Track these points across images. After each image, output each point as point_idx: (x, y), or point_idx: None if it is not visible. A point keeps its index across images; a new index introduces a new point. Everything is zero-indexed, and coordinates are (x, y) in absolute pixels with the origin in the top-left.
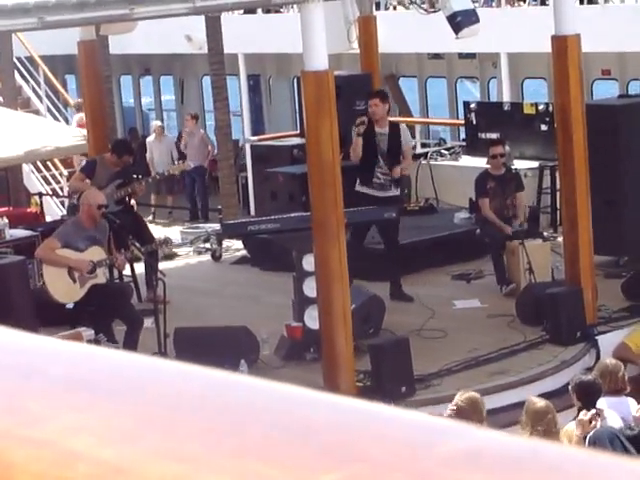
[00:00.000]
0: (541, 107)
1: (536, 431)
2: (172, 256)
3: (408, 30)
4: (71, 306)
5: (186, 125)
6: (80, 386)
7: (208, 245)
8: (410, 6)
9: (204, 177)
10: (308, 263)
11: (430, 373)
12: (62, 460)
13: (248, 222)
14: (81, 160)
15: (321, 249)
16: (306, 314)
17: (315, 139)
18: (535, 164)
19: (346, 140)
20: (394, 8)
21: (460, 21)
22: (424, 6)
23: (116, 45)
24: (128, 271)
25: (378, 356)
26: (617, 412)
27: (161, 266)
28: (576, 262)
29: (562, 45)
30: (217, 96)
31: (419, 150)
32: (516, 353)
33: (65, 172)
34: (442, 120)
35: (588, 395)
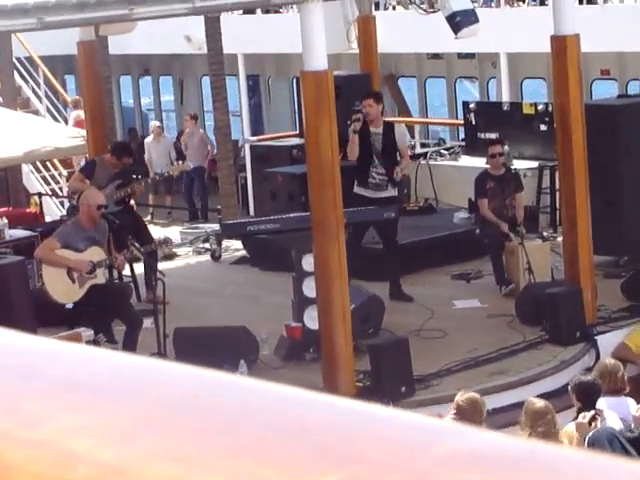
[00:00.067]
0: (540, 107)
1: (535, 431)
2: (171, 256)
3: (407, 30)
4: (70, 306)
5: (185, 125)
6: (79, 387)
7: (207, 245)
8: (409, 6)
9: (203, 177)
10: (307, 263)
11: (430, 373)
12: (62, 461)
13: (247, 222)
14: (80, 160)
15: (320, 249)
16: (305, 314)
17: (314, 139)
18: (534, 164)
19: (345, 140)
20: (393, 8)
21: (459, 21)
22: (423, 6)
23: (115, 45)
24: (128, 271)
25: (378, 356)
26: (617, 412)
27: (160, 266)
28: (576, 262)
29: (561, 45)
30: (216, 96)
31: (418, 150)
32: (516, 353)
33: (64, 172)
34: (441, 120)
35: (588, 395)
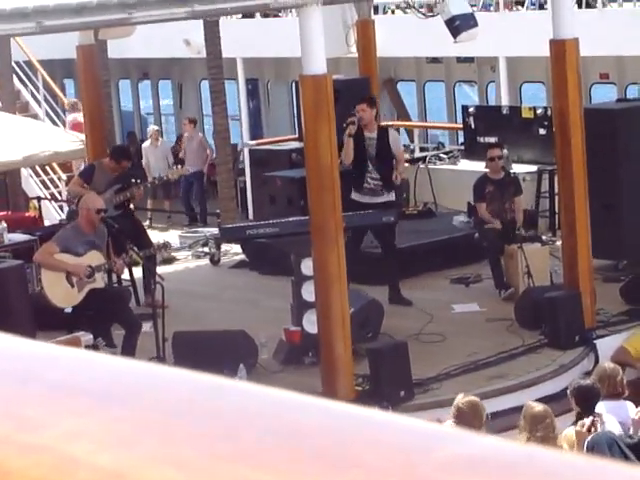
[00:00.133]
0: (539, 111)
1: (534, 436)
2: (170, 260)
3: (406, 34)
4: (69, 310)
5: (184, 129)
6: (79, 392)
7: (206, 249)
8: (408, 10)
9: (202, 181)
10: (306, 267)
11: (429, 377)
12: (61, 466)
13: (246, 226)
14: (80, 164)
15: (320, 253)
16: (305, 318)
17: (313, 143)
18: (534, 168)
19: (340, 145)
20: (392, 12)
21: (458, 25)
22: (422, 10)
23: (115, 49)
24: (127, 275)
25: (377, 360)
26: (616, 416)
27: (159, 270)
28: (575, 266)
29: (560, 49)
30: (215, 100)
31: (418, 154)
32: (515, 357)
33: (64, 176)
34: (440, 124)
35: (587, 400)
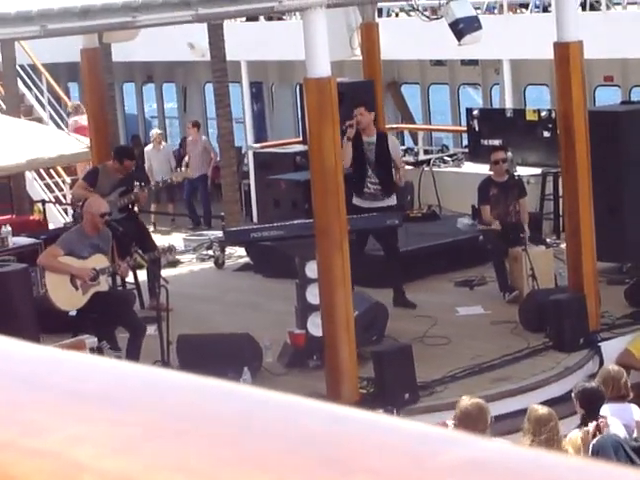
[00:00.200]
0: (544, 114)
1: (538, 439)
2: (175, 263)
3: (410, 37)
4: (74, 314)
5: (188, 133)
6: (83, 396)
7: (211, 252)
8: (412, 13)
9: (206, 185)
10: (311, 270)
11: (433, 380)
12: (65, 471)
13: (251, 229)
14: (86, 168)
15: (324, 256)
16: (309, 321)
17: (318, 146)
18: (538, 170)
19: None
20: (396, 15)
21: (462, 28)
22: (426, 13)
23: (119, 53)
24: (131, 278)
25: (381, 363)
26: (620, 419)
27: (164, 273)
28: (579, 268)
29: (564, 52)
30: (219, 103)
31: (422, 157)
32: (519, 360)
33: (68, 180)
34: (445, 127)
35: (591, 402)
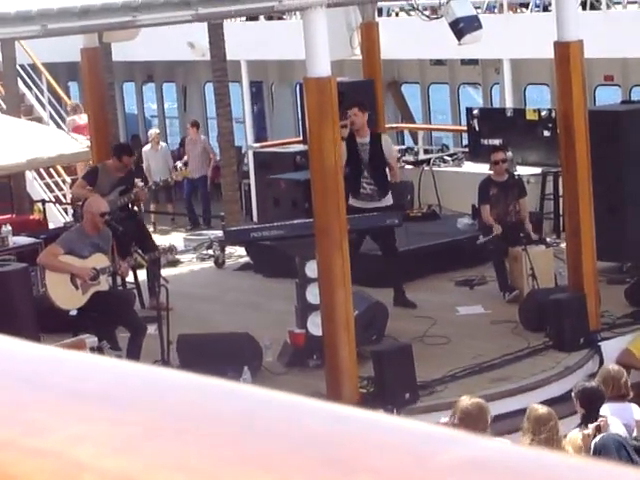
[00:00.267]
0: (544, 113)
1: (538, 438)
2: (175, 263)
3: (410, 36)
4: (74, 313)
5: (187, 133)
6: (83, 395)
7: (211, 252)
8: (412, 12)
9: (206, 185)
10: (311, 270)
11: (433, 379)
12: (66, 470)
13: (251, 229)
14: (85, 167)
15: (324, 255)
16: (309, 320)
17: (318, 145)
18: (538, 170)
19: None
20: (396, 14)
21: (462, 27)
22: (426, 12)
23: (119, 52)
24: (131, 278)
25: (381, 362)
26: (620, 418)
27: (164, 273)
28: (579, 268)
29: (565, 51)
30: (220, 103)
31: (422, 156)
32: (519, 359)
33: (68, 179)
34: (445, 126)
35: (591, 402)
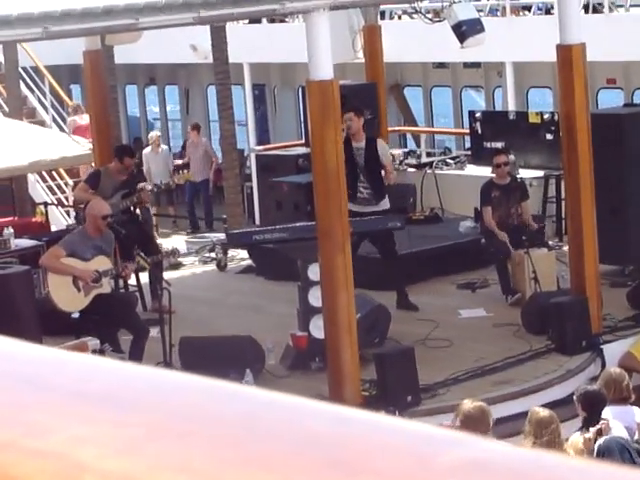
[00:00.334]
0: (546, 116)
1: (539, 441)
2: (177, 266)
3: (413, 39)
4: (77, 316)
5: (188, 136)
6: (86, 397)
7: (213, 255)
8: (415, 15)
9: (208, 189)
10: (313, 272)
11: (436, 382)
12: (68, 471)
13: (253, 232)
14: (88, 170)
15: (326, 258)
16: (311, 323)
17: (320, 148)
18: (540, 173)
19: None
20: (399, 17)
21: (465, 30)
22: (429, 15)
23: (121, 55)
24: (133, 280)
25: (383, 365)
26: (622, 421)
27: (166, 275)
28: (581, 271)
29: (567, 54)
30: (222, 106)
31: (424, 159)
32: (521, 362)
33: (70, 182)
34: (447, 129)
35: (593, 405)
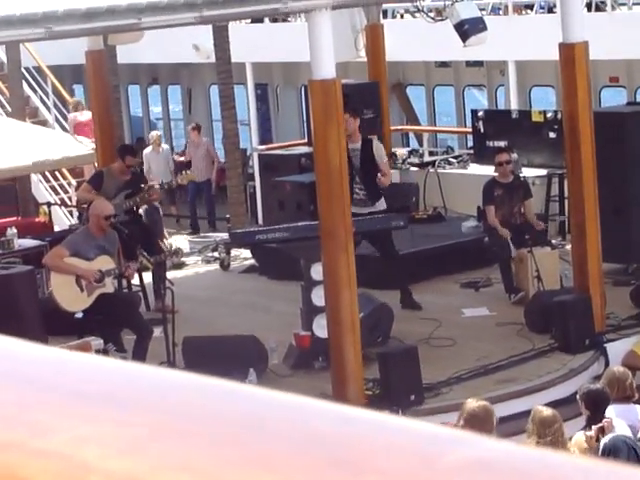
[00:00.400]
0: (550, 115)
1: (543, 440)
2: (180, 265)
3: (415, 38)
4: (80, 315)
5: (189, 137)
6: (89, 397)
7: (216, 254)
8: (417, 14)
9: (210, 189)
10: (316, 272)
11: (439, 381)
12: (72, 471)
13: (256, 231)
14: (91, 170)
15: (329, 258)
16: (314, 323)
17: (323, 148)
18: (543, 172)
19: None
20: (401, 16)
21: (467, 29)
22: (431, 14)
23: (124, 55)
24: (136, 280)
25: (387, 364)
26: (625, 420)
27: (169, 275)
28: (585, 270)
29: (570, 53)
30: (225, 105)
31: (427, 158)
32: (525, 361)
33: (73, 182)
34: (450, 128)
35: (596, 404)
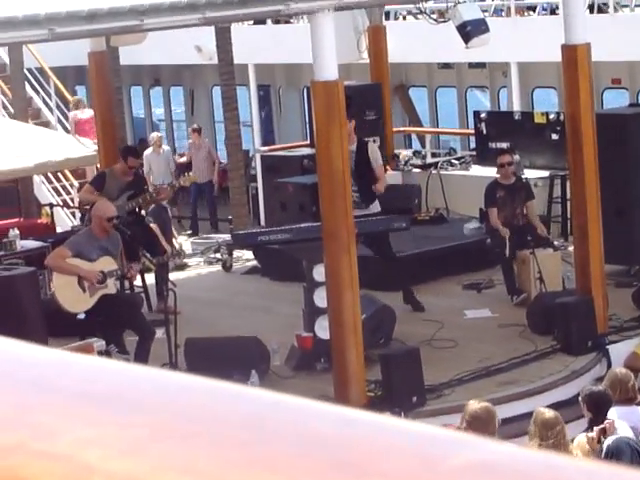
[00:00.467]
0: (552, 116)
1: (545, 442)
2: (183, 266)
3: (418, 40)
4: (82, 317)
5: (190, 139)
6: (92, 399)
7: (219, 255)
8: (420, 16)
9: (212, 190)
10: (318, 273)
11: (441, 383)
12: (75, 473)
13: (259, 232)
14: (94, 171)
15: (332, 259)
16: (316, 324)
17: (325, 149)
18: (546, 173)
19: None
20: (404, 18)
21: (470, 31)
22: (434, 16)
23: (126, 56)
24: (139, 281)
25: (389, 366)
26: (627, 422)
27: (172, 276)
28: (587, 271)
29: (572, 54)
30: (227, 106)
31: (429, 160)
32: (527, 363)
33: (76, 183)
34: (452, 130)
35: (598, 406)
